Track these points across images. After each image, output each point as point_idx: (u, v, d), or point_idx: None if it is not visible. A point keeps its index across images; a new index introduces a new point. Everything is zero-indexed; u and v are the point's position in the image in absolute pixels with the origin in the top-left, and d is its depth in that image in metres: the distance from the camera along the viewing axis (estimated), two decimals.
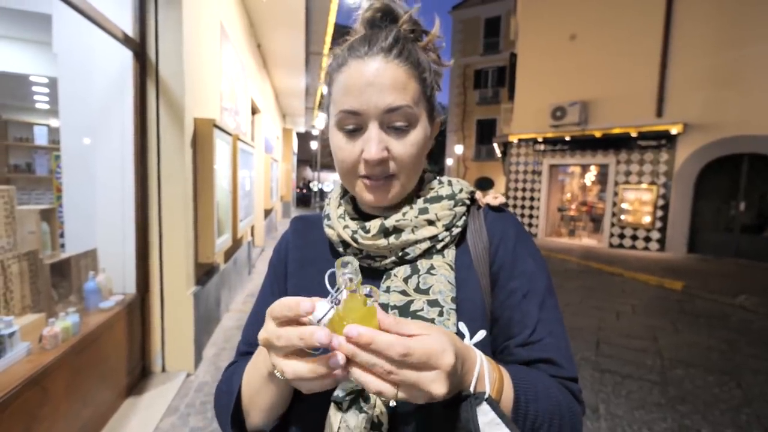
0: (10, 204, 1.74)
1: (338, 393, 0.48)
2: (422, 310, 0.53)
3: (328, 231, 0.63)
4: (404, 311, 0.53)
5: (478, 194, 0.67)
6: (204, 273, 3.13)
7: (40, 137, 4.20)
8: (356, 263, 0.41)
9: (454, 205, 0.60)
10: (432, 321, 0.51)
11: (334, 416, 0.48)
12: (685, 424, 2.51)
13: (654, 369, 3.28)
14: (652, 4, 9.07)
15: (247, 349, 0.66)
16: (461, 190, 0.63)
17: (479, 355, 0.46)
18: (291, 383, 0.43)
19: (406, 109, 0.53)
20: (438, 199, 0.60)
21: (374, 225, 0.57)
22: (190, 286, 2.74)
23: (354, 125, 0.55)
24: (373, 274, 0.59)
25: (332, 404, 0.49)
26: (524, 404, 0.48)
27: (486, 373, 0.45)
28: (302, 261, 0.67)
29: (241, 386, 0.55)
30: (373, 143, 0.53)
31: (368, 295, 0.41)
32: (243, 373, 0.56)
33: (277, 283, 0.68)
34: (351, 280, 0.40)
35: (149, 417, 2.25)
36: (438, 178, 0.66)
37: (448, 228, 0.58)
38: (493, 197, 0.68)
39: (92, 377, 2.02)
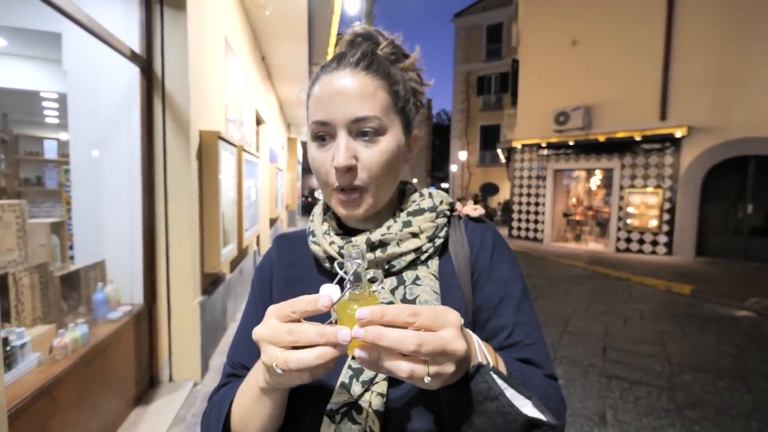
0: (21, 218, 1.78)
1: (331, 406, 0.49)
2: None
3: (313, 247, 0.63)
4: None
5: (458, 205, 0.69)
6: (210, 283, 3.16)
7: (50, 151, 4.29)
8: (363, 247, 0.43)
9: (436, 217, 0.61)
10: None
11: (327, 429, 0.50)
12: (695, 430, 2.49)
13: (662, 374, 3.25)
14: (653, 7, 9.08)
15: (233, 371, 0.65)
16: (441, 202, 0.64)
17: (471, 333, 0.47)
18: (287, 380, 0.42)
19: (373, 119, 0.55)
20: (420, 212, 0.61)
21: (360, 239, 0.58)
22: (196, 295, 2.77)
23: (325, 135, 0.56)
24: None
25: (325, 417, 0.50)
26: (520, 379, 0.50)
27: (483, 347, 0.47)
28: (289, 280, 0.66)
29: (231, 407, 0.54)
30: (341, 150, 0.54)
31: (372, 280, 0.44)
32: (233, 394, 0.55)
33: (263, 305, 0.61)
34: (359, 265, 0.41)
35: (157, 426, 2.27)
36: (419, 191, 0.68)
37: (431, 239, 0.60)
38: (473, 209, 0.70)
39: (101, 387, 2.05)
